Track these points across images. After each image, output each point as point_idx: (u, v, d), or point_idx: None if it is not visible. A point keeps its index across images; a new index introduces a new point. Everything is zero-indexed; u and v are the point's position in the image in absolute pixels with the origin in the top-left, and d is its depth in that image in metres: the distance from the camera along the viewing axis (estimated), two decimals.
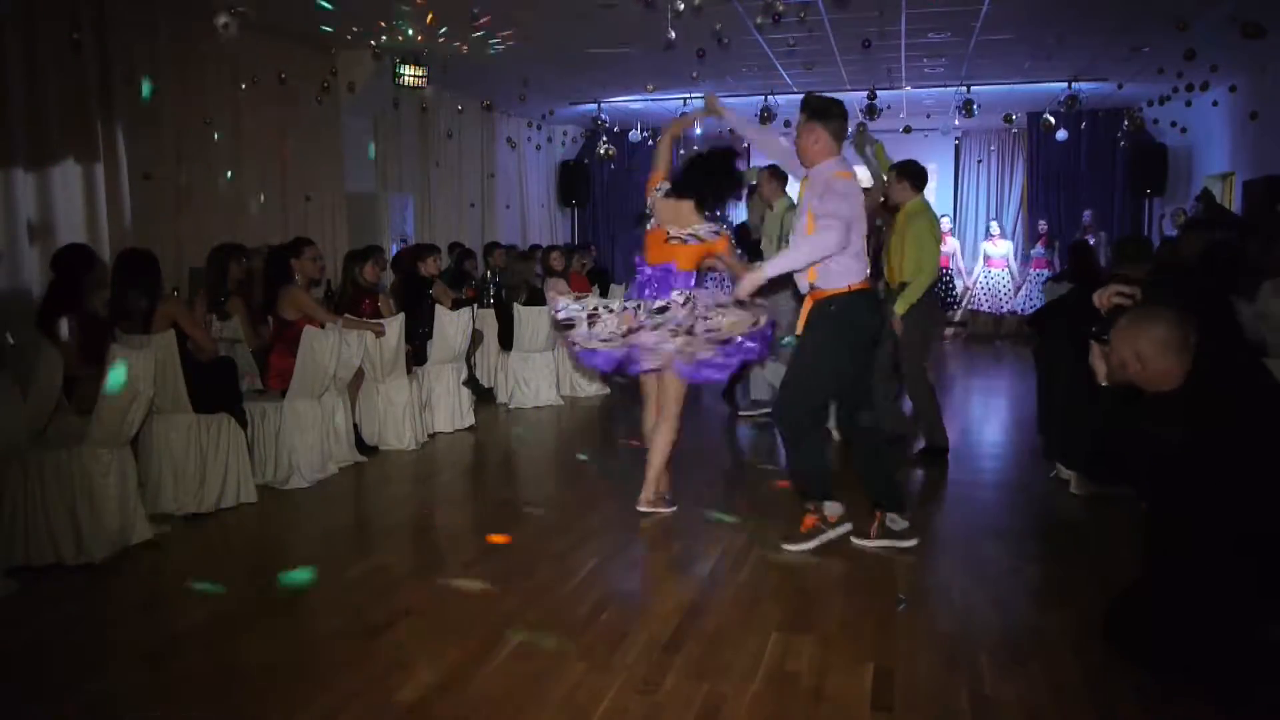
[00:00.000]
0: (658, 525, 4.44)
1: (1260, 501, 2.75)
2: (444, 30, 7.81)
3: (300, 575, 3.83)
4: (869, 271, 3.98)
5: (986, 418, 7.66)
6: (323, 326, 5.29)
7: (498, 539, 4.26)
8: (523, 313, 7.56)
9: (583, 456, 6.06)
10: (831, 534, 4.08)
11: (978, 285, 12.15)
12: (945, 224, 12.41)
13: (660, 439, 4.52)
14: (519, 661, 3.03)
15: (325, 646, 3.18)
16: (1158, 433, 2.90)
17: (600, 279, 9.36)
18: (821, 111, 3.88)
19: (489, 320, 7.82)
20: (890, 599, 3.53)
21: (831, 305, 3.83)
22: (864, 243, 3.88)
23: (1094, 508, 4.68)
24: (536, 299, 7.89)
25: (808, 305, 3.94)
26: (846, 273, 3.83)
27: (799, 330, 3.98)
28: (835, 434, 5.55)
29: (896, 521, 4.05)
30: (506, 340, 7.71)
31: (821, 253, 3.72)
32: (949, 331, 12.59)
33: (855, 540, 4.08)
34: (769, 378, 6.27)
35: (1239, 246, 5.50)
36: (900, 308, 5.42)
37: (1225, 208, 9.47)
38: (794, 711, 2.70)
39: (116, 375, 3.95)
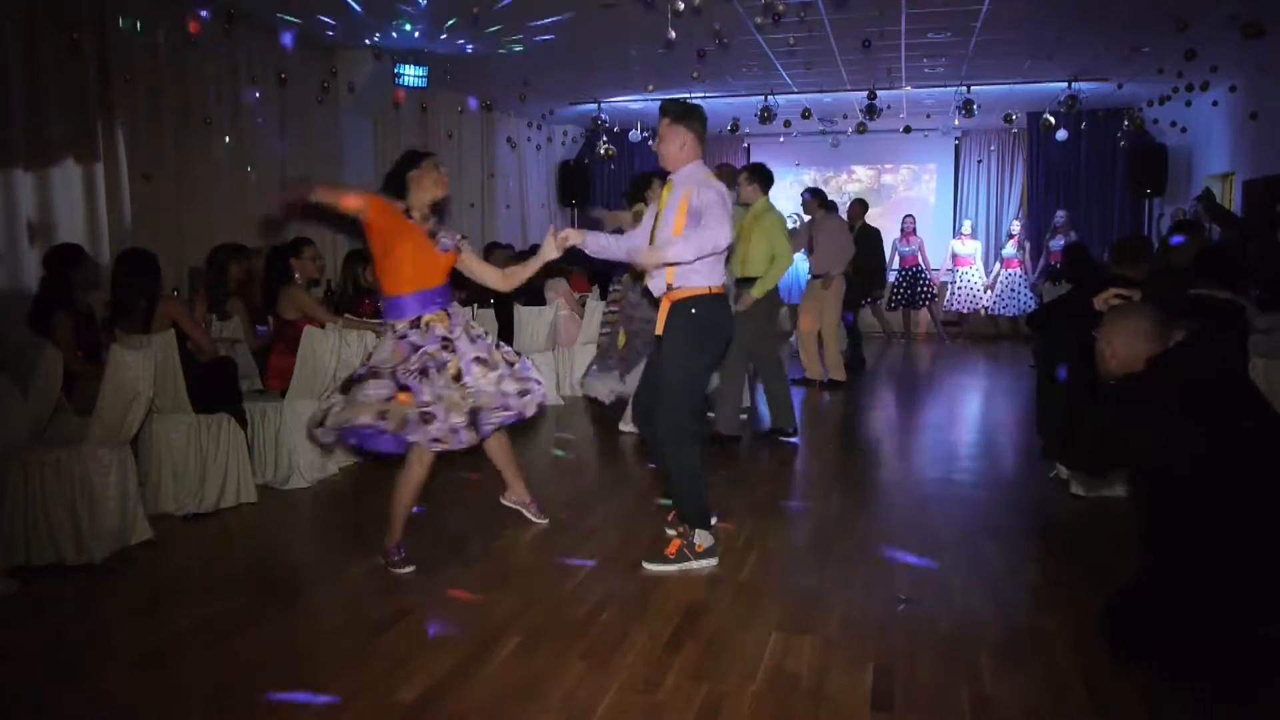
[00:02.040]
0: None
1: (1210, 494, 2.83)
2: (446, 30, 7.81)
3: None
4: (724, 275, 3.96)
5: (986, 417, 7.66)
6: (323, 326, 5.29)
7: None
8: (523, 313, 7.56)
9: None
10: (695, 565, 3.81)
11: (953, 285, 12.12)
12: (909, 224, 12.27)
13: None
14: (519, 661, 3.03)
15: (325, 646, 3.18)
16: (1133, 418, 2.98)
17: (601, 280, 9.34)
18: (685, 114, 3.84)
19: (489, 320, 7.81)
20: (890, 599, 3.53)
21: (694, 309, 3.79)
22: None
23: (1094, 507, 4.68)
24: (537, 299, 7.89)
25: (665, 307, 3.86)
26: (710, 274, 3.79)
27: (659, 331, 3.88)
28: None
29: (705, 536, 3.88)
30: (506, 340, 7.69)
31: (711, 247, 3.61)
32: (948, 331, 12.60)
33: (647, 565, 3.85)
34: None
35: (1237, 247, 5.51)
36: (758, 291, 5.95)
37: (1226, 208, 9.47)
38: (794, 711, 2.71)
39: None
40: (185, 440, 4.61)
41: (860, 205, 10.25)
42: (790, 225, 9.57)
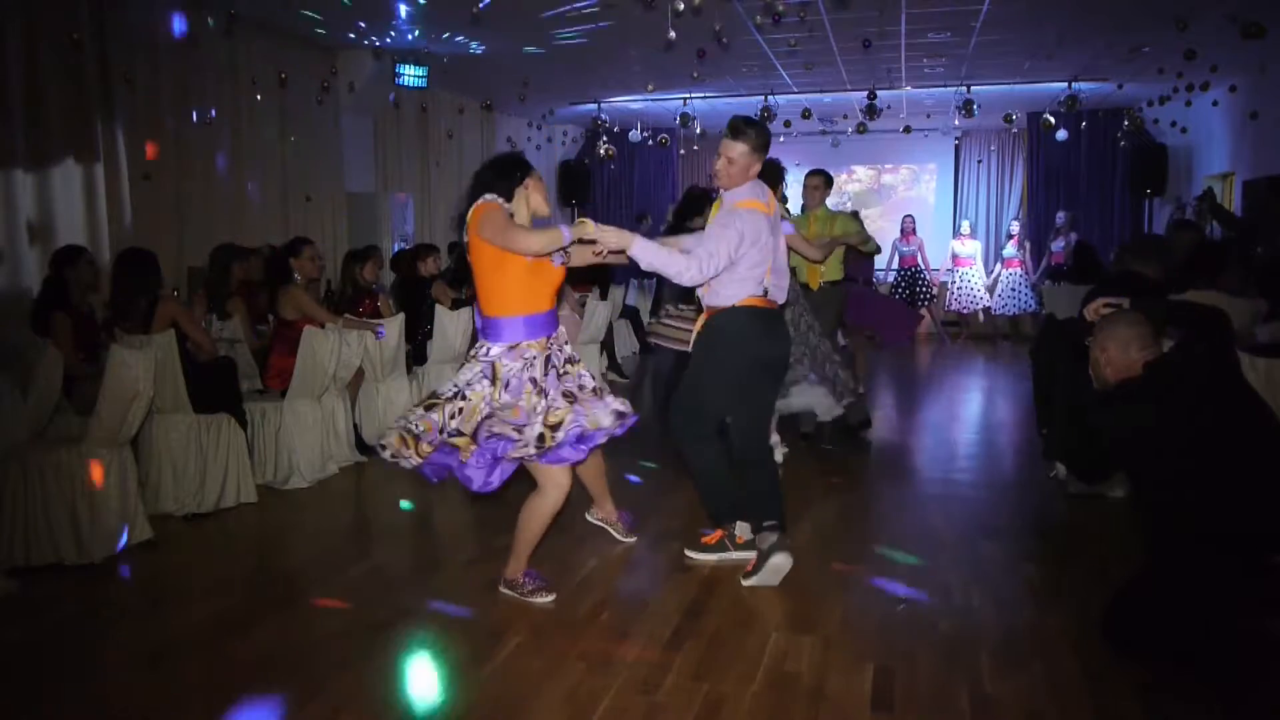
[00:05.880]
0: (658, 527, 4.45)
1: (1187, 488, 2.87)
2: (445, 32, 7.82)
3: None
4: (766, 288, 3.69)
5: (985, 417, 7.66)
6: (323, 326, 5.29)
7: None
8: None
9: None
10: (734, 555, 3.89)
11: (952, 285, 12.09)
12: (908, 224, 11.99)
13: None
14: (519, 661, 3.03)
15: (325, 646, 3.18)
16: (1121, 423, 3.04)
17: (601, 279, 9.34)
18: (764, 142, 3.66)
19: None
20: (890, 599, 3.53)
21: (716, 321, 3.71)
22: (766, 262, 3.65)
23: (1093, 507, 4.68)
24: None
25: (700, 321, 3.82)
26: (740, 291, 3.64)
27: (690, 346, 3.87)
28: None
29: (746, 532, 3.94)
30: None
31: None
32: (948, 331, 12.59)
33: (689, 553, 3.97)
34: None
35: (1231, 245, 5.51)
36: None
37: (1226, 208, 9.47)
38: (794, 711, 2.71)
39: None
40: (185, 440, 4.61)
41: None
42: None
